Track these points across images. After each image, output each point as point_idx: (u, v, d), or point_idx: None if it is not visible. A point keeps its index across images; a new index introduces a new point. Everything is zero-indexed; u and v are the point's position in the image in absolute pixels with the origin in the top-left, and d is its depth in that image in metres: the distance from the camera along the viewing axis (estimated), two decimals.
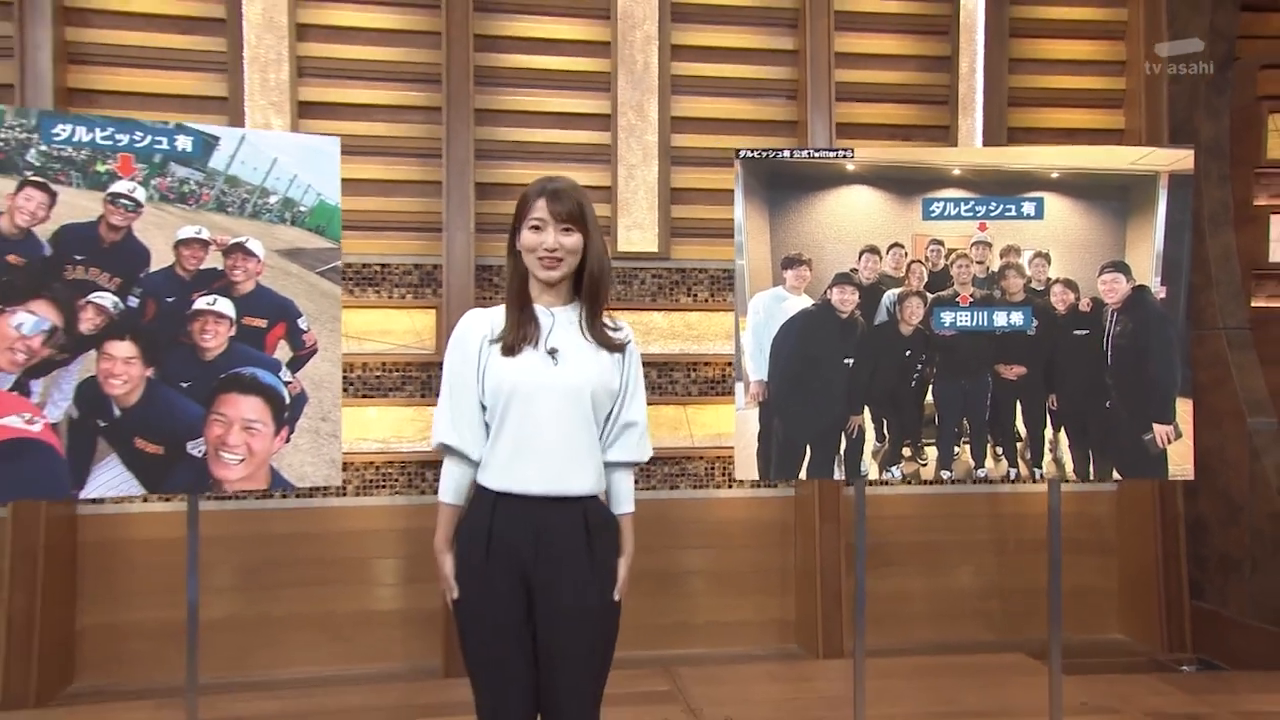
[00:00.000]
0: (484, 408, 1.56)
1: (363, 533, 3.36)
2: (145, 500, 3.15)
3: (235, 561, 3.22)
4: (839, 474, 1.69)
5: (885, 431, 1.68)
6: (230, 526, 3.20)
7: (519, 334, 1.52)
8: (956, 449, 1.68)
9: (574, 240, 1.50)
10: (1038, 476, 1.73)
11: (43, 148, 1.43)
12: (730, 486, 3.81)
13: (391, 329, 3.40)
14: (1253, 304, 3.52)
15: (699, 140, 3.60)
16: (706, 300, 3.62)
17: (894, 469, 1.69)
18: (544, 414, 1.48)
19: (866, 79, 3.72)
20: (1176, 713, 2.69)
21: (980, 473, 1.71)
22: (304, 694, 2.92)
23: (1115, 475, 1.75)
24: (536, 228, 1.50)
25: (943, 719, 2.68)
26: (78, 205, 1.46)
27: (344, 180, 2.00)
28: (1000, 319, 1.67)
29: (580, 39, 3.53)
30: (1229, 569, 3.40)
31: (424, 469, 3.46)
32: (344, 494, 3.36)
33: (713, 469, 3.78)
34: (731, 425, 3.64)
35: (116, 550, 3.17)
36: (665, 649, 3.44)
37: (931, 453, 1.69)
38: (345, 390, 3.28)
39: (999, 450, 1.69)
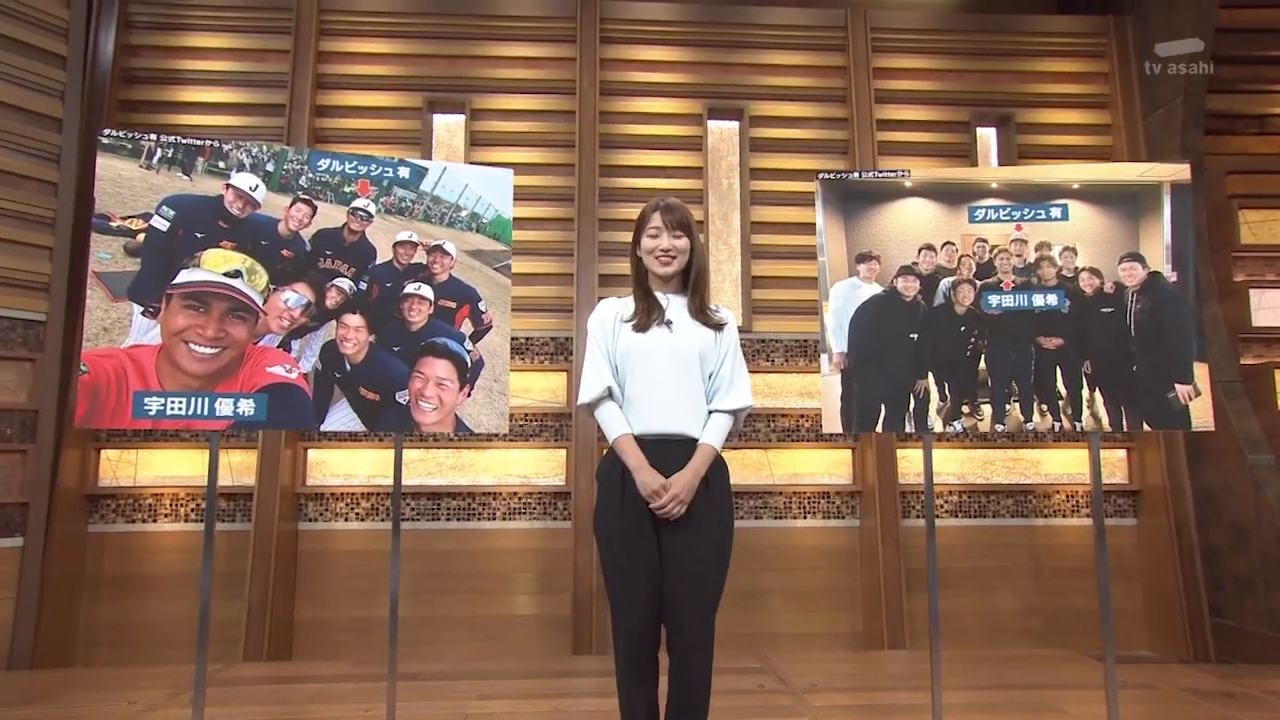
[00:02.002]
0: (615, 370, 1.96)
1: (506, 551, 3.94)
2: (346, 520, 3.82)
3: (409, 572, 3.87)
4: (909, 428, 2.02)
5: (946, 393, 2.01)
6: (406, 543, 3.84)
7: (647, 316, 1.94)
8: (1007, 407, 2.00)
9: (683, 243, 1.94)
10: (1078, 428, 2.02)
11: (310, 175, 1.94)
12: (806, 518, 4.16)
13: (532, 387, 4.08)
14: (1242, 361, 4.02)
15: (772, 239, 4.34)
16: (782, 364, 4.19)
17: (955, 423, 2.01)
18: (660, 369, 1.88)
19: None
20: (1210, 690, 2.82)
21: (1029, 426, 2.01)
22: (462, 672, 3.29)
23: (1145, 426, 2.03)
24: (654, 235, 1.95)
25: (1005, 690, 2.87)
26: (330, 216, 1.96)
27: None
28: (1038, 300, 2.02)
29: (679, 165, 4.33)
30: (1244, 589, 3.60)
31: (556, 500, 3.98)
32: (494, 519, 3.94)
33: (790, 503, 4.14)
34: (805, 467, 4.10)
35: (325, 559, 3.88)
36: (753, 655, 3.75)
37: (986, 410, 2.01)
38: (494, 438, 3.90)
39: (1044, 408, 2.00)
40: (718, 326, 1.96)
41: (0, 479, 3.52)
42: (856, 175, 2.11)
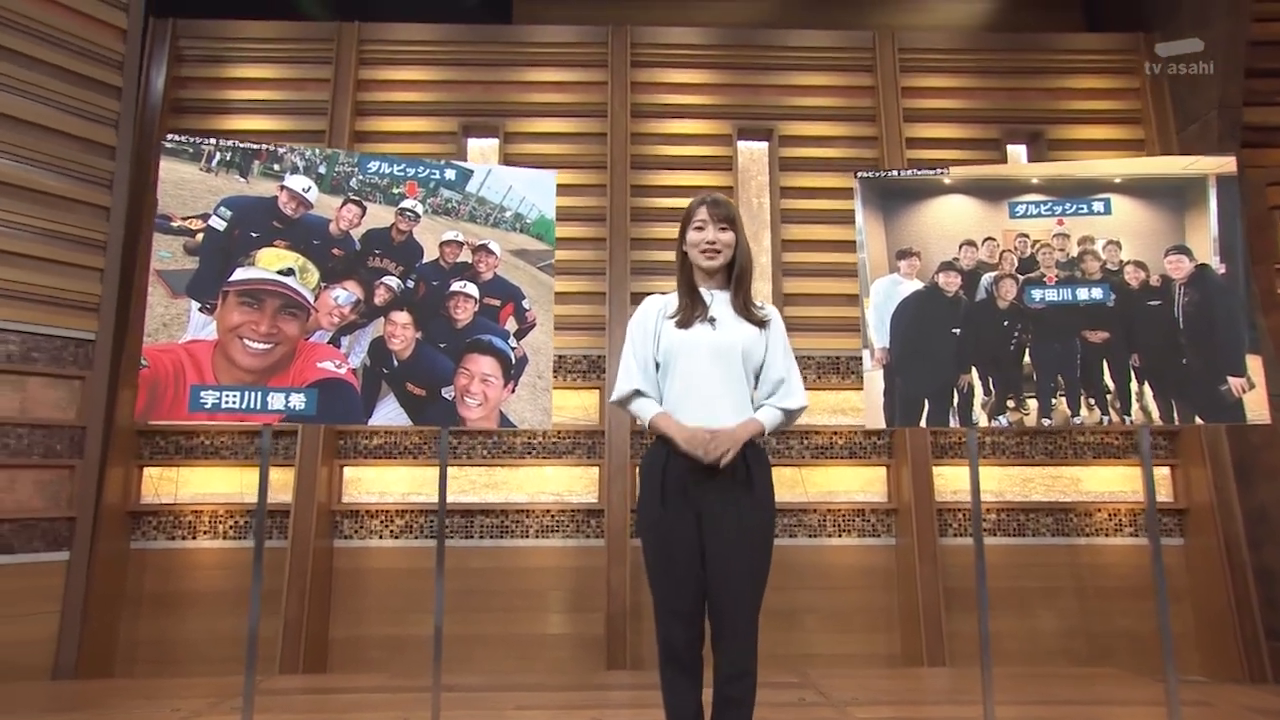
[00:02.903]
0: (657, 366, 1.97)
1: (540, 569, 3.94)
2: (381, 537, 3.87)
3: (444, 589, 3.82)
4: (954, 422, 2.00)
5: (991, 387, 1.99)
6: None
7: (691, 311, 1.96)
8: (1054, 401, 1.98)
9: (728, 236, 1.96)
10: (1128, 422, 1.99)
11: (360, 177, 2.01)
12: (841, 536, 4.11)
13: (565, 405, 4.12)
14: None
15: (804, 257, 4.37)
16: (815, 381, 4.18)
17: (1001, 418, 1.99)
18: (703, 365, 1.88)
19: None
20: (1272, 709, 2.71)
21: (1076, 420, 1.98)
22: (499, 684, 3.27)
23: (1197, 420, 1.99)
24: (700, 228, 1.97)
25: (1056, 706, 2.78)
26: (378, 216, 2.02)
27: None
28: (1082, 294, 2.01)
29: (709, 185, 4.37)
30: None
31: (589, 517, 3.99)
32: (527, 536, 3.95)
33: (825, 520, 4.10)
34: (840, 484, 4.05)
35: (360, 576, 3.91)
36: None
37: (1032, 404, 1.99)
38: (527, 454, 3.95)
39: (1091, 401, 1.98)
40: (761, 323, 1.97)
41: (49, 493, 3.60)
42: (895, 173, 2.13)
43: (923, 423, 2.02)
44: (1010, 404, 2.00)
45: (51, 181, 3.69)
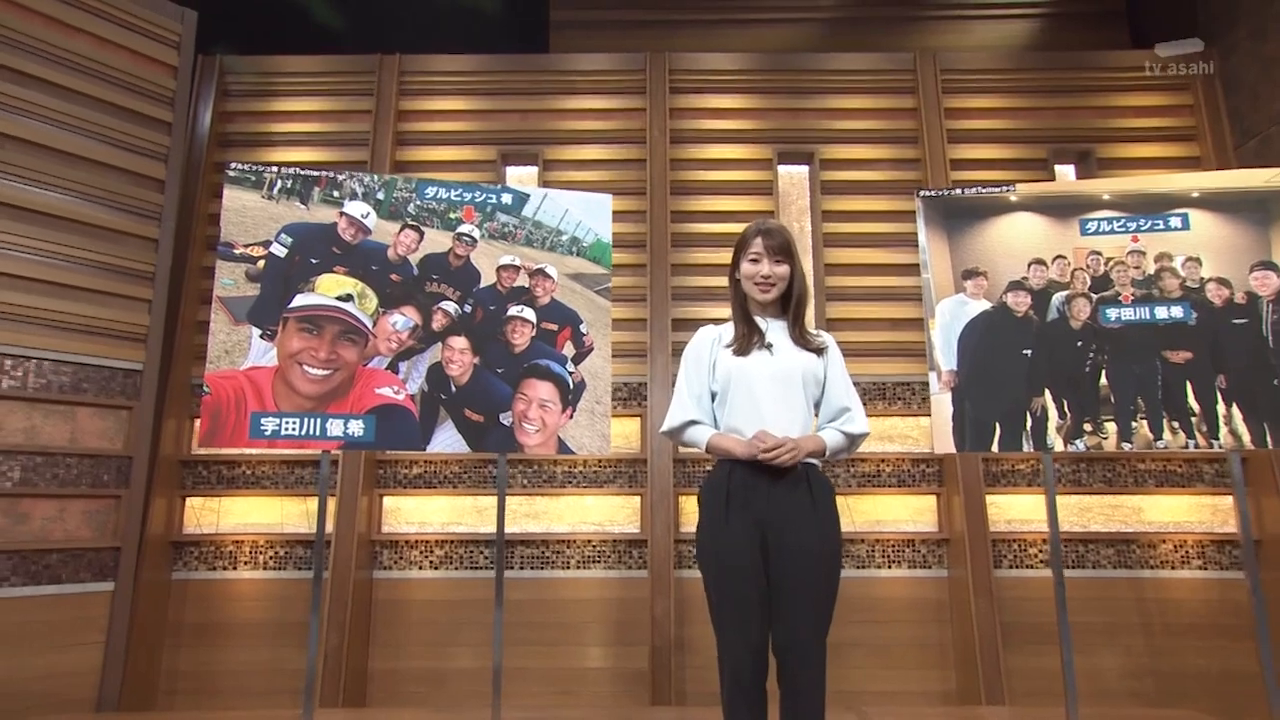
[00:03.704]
0: (713, 396, 1.95)
1: (581, 600, 3.90)
2: (421, 568, 3.87)
3: (482, 621, 3.87)
4: (1028, 446, 1.94)
5: (1066, 410, 1.93)
6: (478, 592, 3.83)
7: (749, 339, 1.94)
8: (1134, 424, 1.91)
9: (783, 269, 1.94)
10: (1215, 446, 1.91)
11: (418, 202, 2.03)
12: (890, 567, 4.01)
13: None
14: None
15: (847, 281, 4.34)
16: None
17: (1078, 442, 1.93)
18: (761, 392, 1.86)
19: None
20: None
21: (1160, 444, 1.91)
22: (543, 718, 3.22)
23: None
24: (754, 260, 1.96)
25: None
26: (436, 241, 2.04)
27: None
28: (1161, 313, 1.95)
29: (750, 209, 4.36)
30: None
31: (631, 548, 3.95)
32: (567, 567, 3.91)
33: (873, 551, 4.01)
34: (887, 513, 3.97)
35: (399, 608, 3.90)
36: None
37: (1111, 428, 1.92)
38: (568, 483, 3.93)
39: (1175, 424, 1.90)
40: (818, 351, 1.94)
41: (96, 523, 3.64)
42: (959, 192, 2.10)
43: (994, 447, 1.97)
44: (1087, 427, 1.93)
45: (103, 215, 3.79)
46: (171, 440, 4.05)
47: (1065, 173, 4.43)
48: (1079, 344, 1.97)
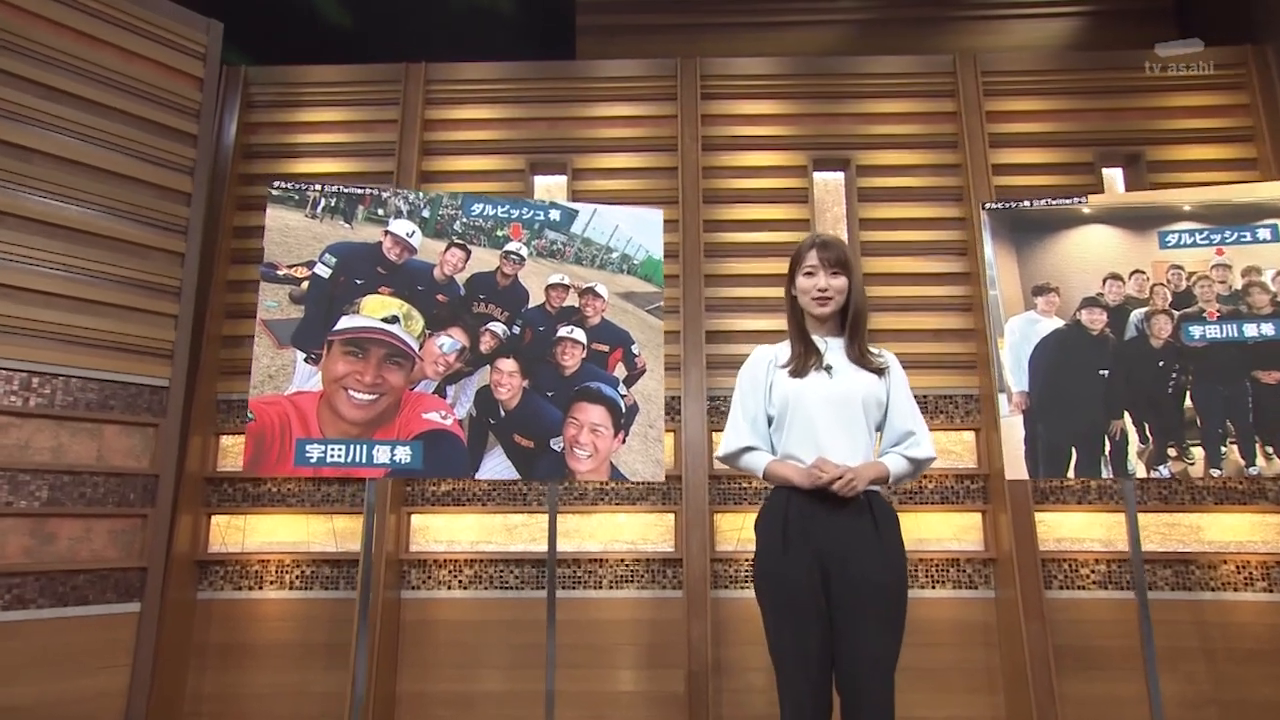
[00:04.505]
0: (770, 420, 1.90)
1: (614, 622, 3.84)
2: (450, 588, 3.84)
3: (511, 643, 3.83)
4: (1106, 473, 1.87)
5: (1148, 434, 1.86)
6: (508, 613, 3.79)
7: (806, 360, 1.89)
8: (1224, 449, 1.83)
9: (840, 282, 1.89)
10: None
11: (464, 220, 2.00)
12: (934, 588, 3.93)
13: None
14: None
15: (885, 291, 4.27)
16: None
17: (1161, 468, 1.86)
18: (820, 417, 1.81)
19: None
20: None
21: (1252, 470, 1.84)
22: None
23: None
24: (810, 273, 1.91)
25: None
26: (483, 260, 2.00)
27: None
28: (1251, 330, 1.87)
29: (785, 218, 4.32)
30: None
31: (665, 567, 3.90)
32: (600, 587, 3.86)
33: (915, 571, 3.93)
34: (930, 531, 3.89)
35: (427, 629, 3.87)
36: None
37: (1198, 453, 1.85)
38: (599, 501, 3.89)
39: (1270, 449, 1.83)
40: (879, 371, 1.89)
41: (122, 543, 3.64)
42: (1028, 204, 2.04)
43: (1070, 473, 1.90)
44: (1172, 452, 1.86)
45: (129, 229, 3.80)
46: (197, 457, 4.05)
47: (1113, 177, 4.35)
48: (1160, 364, 1.90)
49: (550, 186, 4.55)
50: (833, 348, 1.92)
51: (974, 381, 4.09)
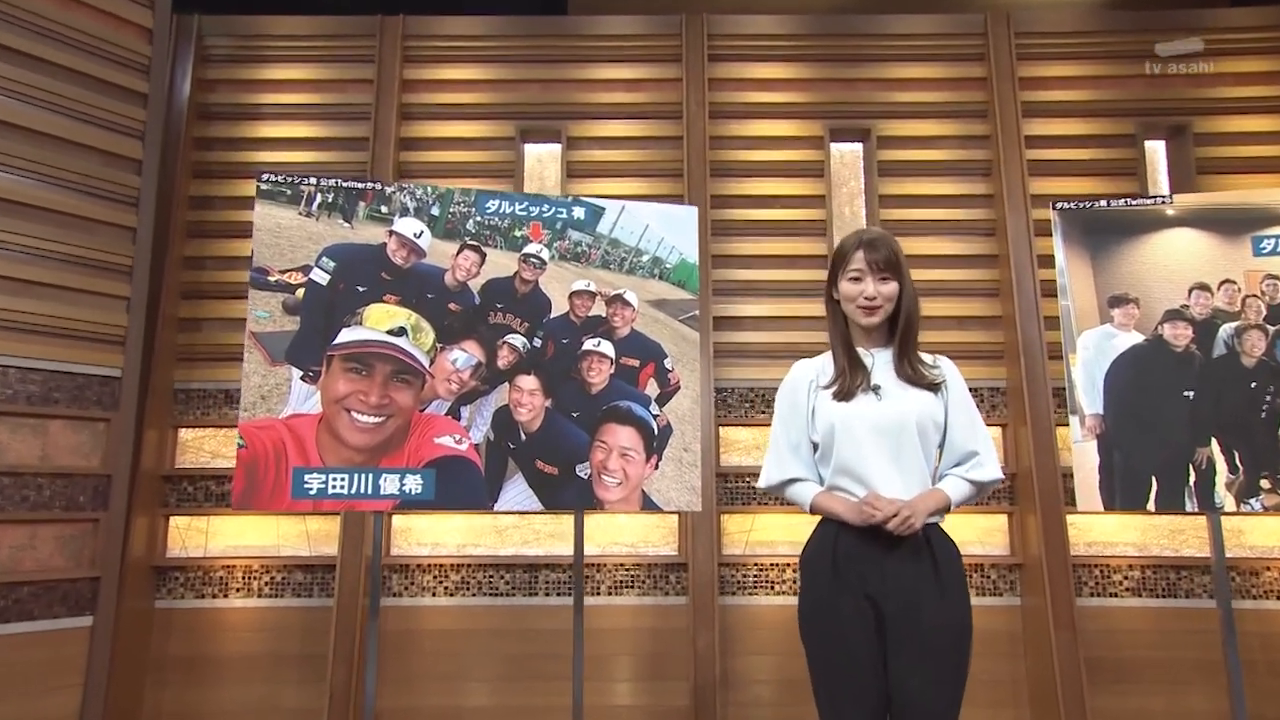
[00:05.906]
0: (814, 446, 1.82)
1: (613, 630, 3.79)
2: (434, 595, 3.75)
3: (503, 653, 3.75)
4: (1191, 505, 1.83)
5: (1238, 463, 1.82)
6: (499, 621, 3.72)
7: (851, 380, 1.80)
8: None
9: (890, 288, 1.79)
10: None
11: (478, 218, 1.89)
12: None
13: None
14: None
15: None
16: None
17: (1253, 501, 1.82)
18: (870, 445, 1.73)
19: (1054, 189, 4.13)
20: None
21: None
22: None
23: None
24: (855, 278, 1.81)
25: None
26: (499, 263, 1.90)
27: None
28: None
29: (798, 193, 4.23)
30: None
31: (668, 572, 3.84)
32: (598, 593, 3.81)
33: None
34: (952, 534, 3.83)
35: (410, 639, 3.79)
36: None
37: None
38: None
39: None
40: (933, 387, 1.82)
41: (71, 550, 3.51)
42: (1104, 204, 1.97)
43: (1150, 505, 1.86)
44: (1265, 484, 1.83)
45: (72, 200, 3.60)
46: (153, 453, 3.91)
47: (1155, 149, 4.29)
48: (1253, 385, 1.85)
49: (542, 155, 4.41)
50: (880, 362, 1.83)
51: (1001, 373, 4.05)
